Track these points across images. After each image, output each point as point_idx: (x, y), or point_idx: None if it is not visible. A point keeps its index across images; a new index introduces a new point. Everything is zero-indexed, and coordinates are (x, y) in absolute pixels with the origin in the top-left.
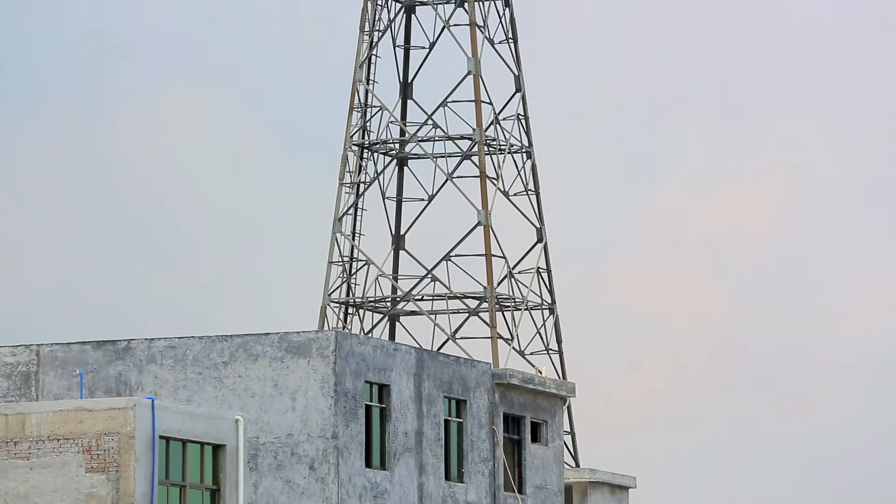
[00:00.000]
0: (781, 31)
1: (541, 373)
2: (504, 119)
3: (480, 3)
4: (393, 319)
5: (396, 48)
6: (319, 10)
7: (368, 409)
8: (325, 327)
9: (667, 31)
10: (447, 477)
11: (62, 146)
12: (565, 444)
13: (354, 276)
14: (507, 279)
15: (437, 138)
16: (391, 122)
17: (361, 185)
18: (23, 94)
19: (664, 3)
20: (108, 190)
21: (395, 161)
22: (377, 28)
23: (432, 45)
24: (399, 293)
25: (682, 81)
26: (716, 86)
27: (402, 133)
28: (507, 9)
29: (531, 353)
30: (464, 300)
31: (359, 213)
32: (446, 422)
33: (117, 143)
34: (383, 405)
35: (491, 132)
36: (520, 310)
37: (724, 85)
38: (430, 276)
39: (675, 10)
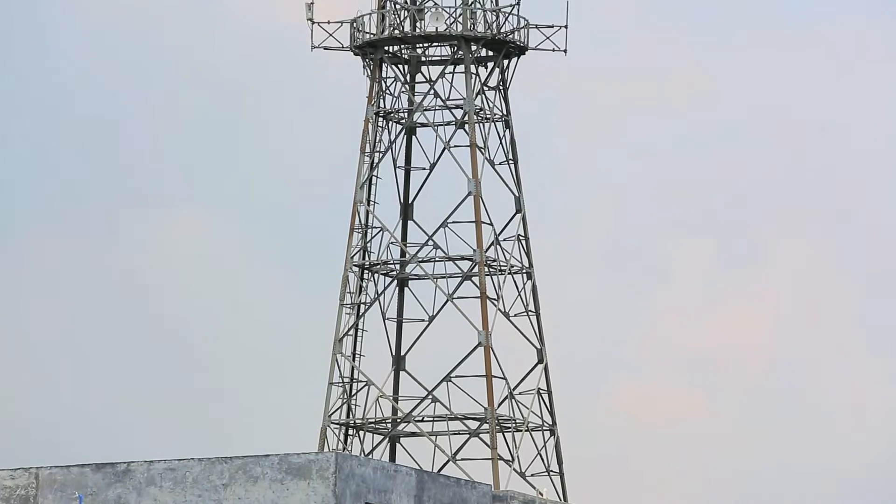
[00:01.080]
0: (776, 156)
1: (542, 494)
2: (504, 240)
3: (481, 124)
4: (393, 440)
5: (397, 169)
6: (320, 131)
7: None
8: (326, 449)
9: (664, 159)
10: None
11: (62, 267)
12: None
13: (355, 398)
14: (507, 400)
15: (437, 259)
16: (392, 242)
17: (362, 306)
18: (23, 208)
19: (658, 132)
20: (108, 311)
21: (395, 282)
22: (378, 149)
23: (433, 166)
24: (399, 414)
25: (680, 203)
26: (714, 206)
27: (403, 254)
28: (508, 130)
29: (532, 475)
30: (464, 421)
31: (359, 334)
32: None
33: (117, 263)
34: None
35: (491, 253)
36: (520, 431)
37: (723, 205)
38: (430, 396)
39: (671, 135)
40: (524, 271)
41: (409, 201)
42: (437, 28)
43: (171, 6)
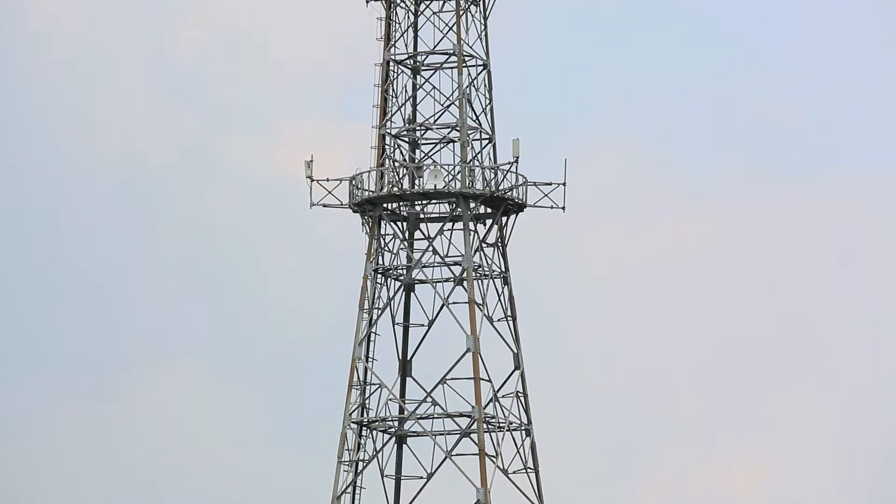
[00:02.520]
0: (773, 315)
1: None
2: (503, 396)
3: (479, 281)
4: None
5: (396, 326)
6: (318, 288)
7: None
8: None
9: (663, 315)
10: None
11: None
12: None
13: None
14: None
15: (436, 416)
16: (390, 399)
17: (360, 463)
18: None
19: (655, 289)
20: (111, 459)
21: (393, 439)
22: (377, 306)
23: (431, 323)
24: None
25: (679, 360)
26: (714, 363)
27: (401, 410)
28: (506, 287)
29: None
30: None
31: (357, 491)
32: None
33: (118, 418)
34: None
35: (490, 409)
36: None
37: (722, 362)
38: None
39: (668, 291)
40: (523, 427)
41: (408, 358)
42: (435, 185)
43: (169, 163)
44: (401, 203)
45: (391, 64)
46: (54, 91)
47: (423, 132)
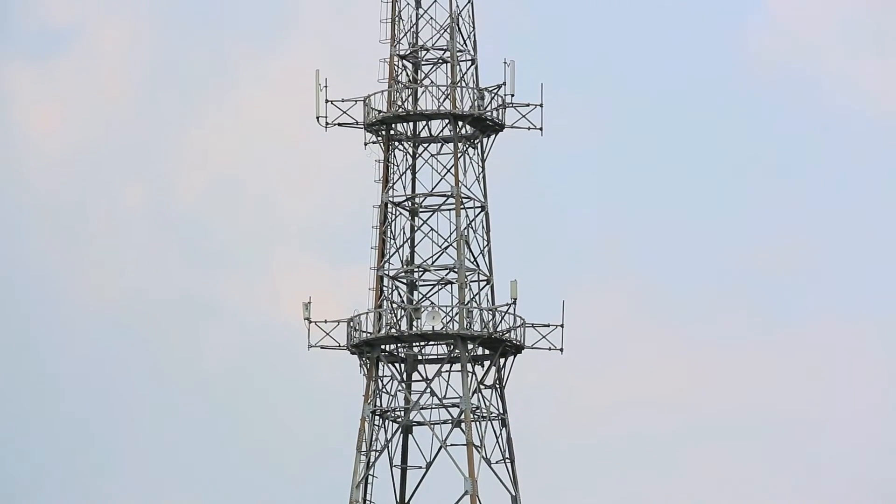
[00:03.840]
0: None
1: None
2: None
3: (477, 423)
4: None
5: (393, 468)
6: (316, 429)
7: None
8: None
9: (662, 456)
10: None
11: None
12: None
13: None
14: None
15: None
16: None
17: None
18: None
19: (654, 430)
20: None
21: None
22: (374, 448)
23: (429, 465)
24: None
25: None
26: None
27: None
28: (504, 429)
29: None
30: None
31: None
32: None
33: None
34: None
35: None
36: None
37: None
38: None
39: (667, 432)
40: None
41: (406, 501)
42: (433, 327)
43: (166, 306)
44: (398, 345)
45: (389, 206)
46: (50, 232)
47: (420, 274)
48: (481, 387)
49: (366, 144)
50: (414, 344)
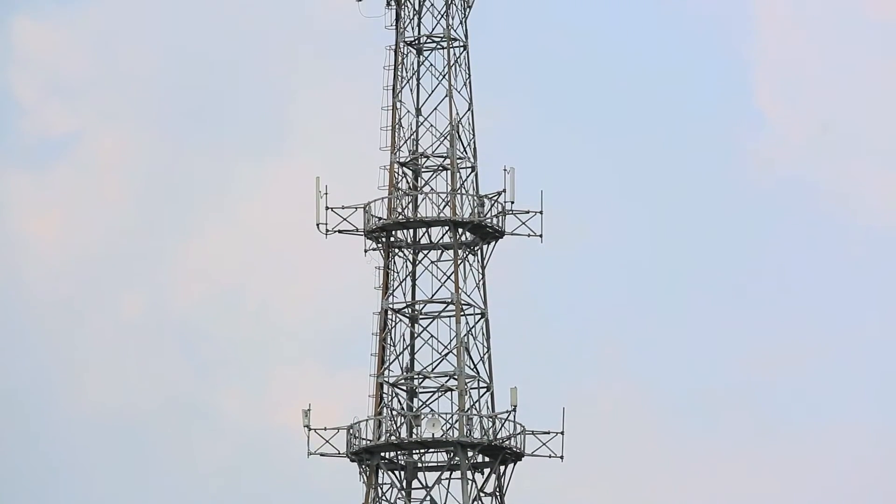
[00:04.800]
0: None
1: None
2: None
3: None
4: None
5: None
6: None
7: None
8: None
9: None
10: None
11: None
12: None
13: None
14: None
15: None
16: None
17: None
18: None
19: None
20: None
21: None
22: None
23: None
24: None
25: None
26: None
27: None
28: None
29: None
30: None
31: None
32: None
33: None
34: None
35: None
36: None
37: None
38: None
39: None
40: None
41: None
42: (433, 434)
43: (163, 413)
44: (398, 452)
45: (389, 312)
46: (48, 340)
47: (420, 381)
48: (481, 494)
49: (366, 251)
50: (414, 451)
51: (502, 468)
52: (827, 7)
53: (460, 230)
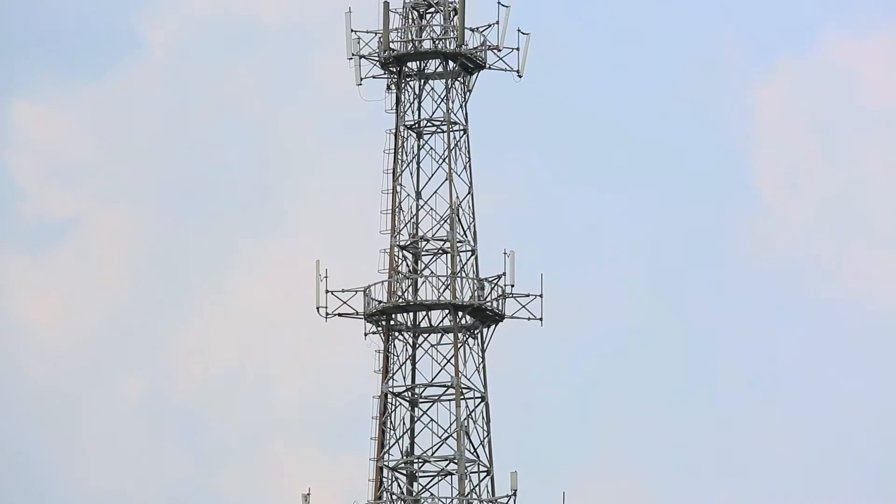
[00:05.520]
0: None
1: None
2: None
3: None
4: None
5: None
6: None
7: None
8: None
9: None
10: None
11: None
12: None
13: None
14: None
15: None
16: None
17: None
18: None
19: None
20: None
21: None
22: None
23: None
24: None
25: None
26: None
27: None
28: None
29: None
30: None
31: None
32: None
33: None
34: None
35: None
36: None
37: None
38: None
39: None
40: None
41: None
42: None
43: (165, 490)
44: None
45: (389, 396)
46: (47, 424)
47: (420, 465)
48: None
49: (366, 335)
50: None
51: None
52: (824, 92)
53: (460, 314)
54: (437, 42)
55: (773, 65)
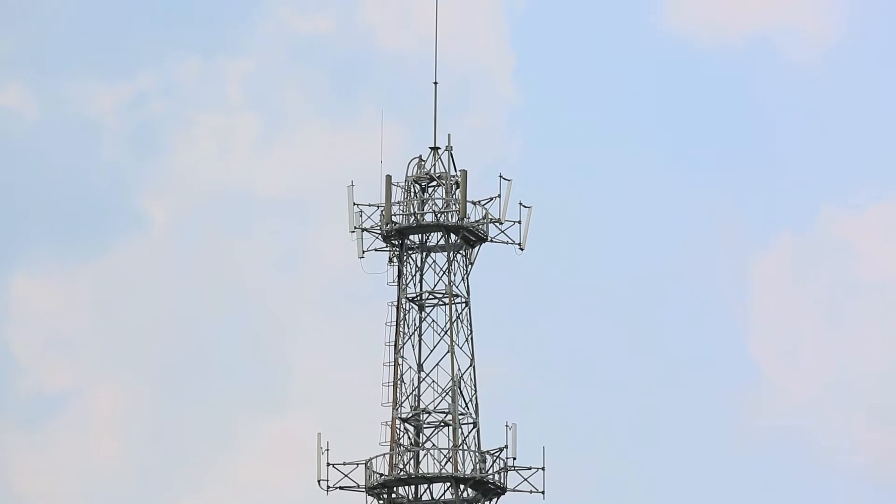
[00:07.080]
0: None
1: None
2: None
3: None
4: None
5: None
6: None
7: None
8: None
9: None
10: None
11: None
12: None
13: None
14: None
15: None
16: None
17: None
18: None
19: None
20: None
21: None
22: None
23: None
24: None
25: None
26: None
27: None
28: None
29: None
30: None
31: None
32: None
33: None
34: None
35: None
36: None
37: None
38: None
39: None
40: None
41: None
42: None
43: None
44: None
45: None
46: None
47: None
48: None
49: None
50: None
51: None
52: (822, 266)
53: (462, 486)
54: (438, 215)
55: (770, 240)
